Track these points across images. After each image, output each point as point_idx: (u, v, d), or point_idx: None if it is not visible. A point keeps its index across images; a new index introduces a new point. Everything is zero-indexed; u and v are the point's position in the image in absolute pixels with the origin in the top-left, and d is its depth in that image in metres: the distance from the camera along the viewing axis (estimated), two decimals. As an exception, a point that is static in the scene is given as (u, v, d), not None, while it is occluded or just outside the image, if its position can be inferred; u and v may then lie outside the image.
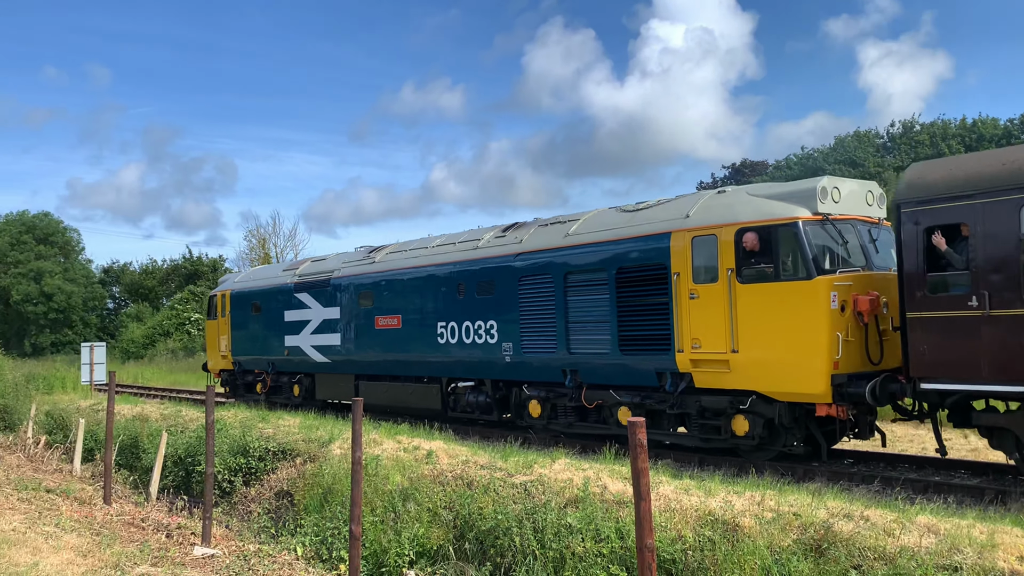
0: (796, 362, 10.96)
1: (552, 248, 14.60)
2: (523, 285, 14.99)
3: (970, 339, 9.40)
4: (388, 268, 18.64)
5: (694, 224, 12.27)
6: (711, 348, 11.92)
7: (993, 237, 9.26)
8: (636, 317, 13.04)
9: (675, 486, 8.82)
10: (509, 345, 15.22)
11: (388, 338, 18.24)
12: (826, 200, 11.39)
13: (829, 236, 11.27)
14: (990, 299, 9.21)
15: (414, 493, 10.25)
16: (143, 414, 19.58)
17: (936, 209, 9.78)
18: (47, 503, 11.75)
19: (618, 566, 7.72)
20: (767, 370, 11.32)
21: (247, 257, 55.22)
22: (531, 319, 14.84)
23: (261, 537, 11.17)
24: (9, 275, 60.10)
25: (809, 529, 7.28)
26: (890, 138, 53.12)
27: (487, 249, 16.13)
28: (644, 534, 5.06)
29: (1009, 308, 9.05)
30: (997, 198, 9.19)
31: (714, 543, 7.49)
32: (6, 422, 23.51)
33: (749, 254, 11.53)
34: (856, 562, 6.77)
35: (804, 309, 10.88)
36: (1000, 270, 9.15)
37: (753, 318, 11.41)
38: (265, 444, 13.98)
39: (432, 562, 9.34)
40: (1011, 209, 9.06)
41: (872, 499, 8.67)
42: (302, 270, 21.95)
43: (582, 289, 13.93)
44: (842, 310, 10.83)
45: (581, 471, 9.71)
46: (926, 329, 9.81)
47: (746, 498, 8.17)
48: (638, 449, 5.04)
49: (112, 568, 8.07)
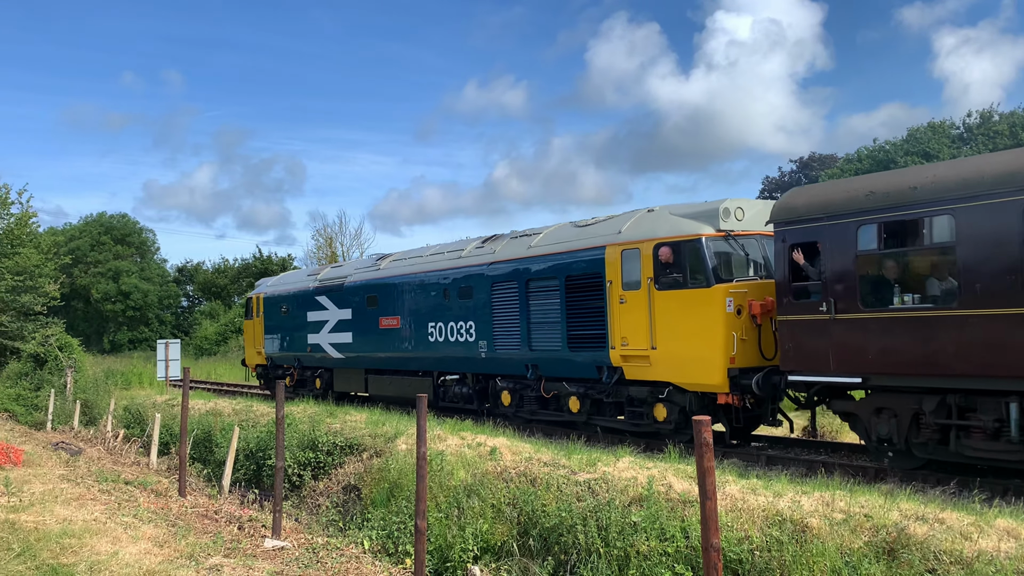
0: (700, 357, 12.70)
1: (517, 258, 16.67)
2: (495, 291, 17.04)
3: (821, 338, 11.15)
4: (390, 274, 20.89)
5: (624, 239, 14.14)
6: (636, 345, 13.77)
7: (838, 253, 10.99)
8: (580, 319, 14.95)
9: (741, 485, 8.70)
10: (484, 343, 17.27)
11: (390, 337, 20.42)
12: (728, 219, 13.13)
13: (730, 249, 13.04)
14: (835, 305, 10.94)
15: (478, 489, 10.32)
16: (216, 409, 20.11)
17: (797, 229, 11.55)
18: (126, 494, 12.16)
19: (683, 565, 7.65)
20: (679, 364, 13.09)
21: (315, 256, 56.26)
22: (501, 320, 16.87)
23: (329, 530, 11.37)
24: (89, 274, 62.29)
25: (881, 531, 7.11)
26: (966, 129, 51.33)
27: (467, 259, 18.21)
28: (710, 533, 5.01)
29: (848, 313, 10.83)
30: (840, 220, 10.94)
31: (782, 544, 7.36)
32: (88, 416, 24.43)
33: (664, 265, 13.28)
34: (931, 566, 6.58)
35: (705, 312, 12.64)
36: (842, 281, 10.91)
37: (667, 320, 13.23)
38: (333, 439, 14.23)
39: (496, 558, 9.38)
40: (850, 229, 10.83)
41: (947, 501, 8.41)
42: (322, 275, 24.32)
43: (540, 294, 15.93)
44: (738, 313, 12.49)
45: (645, 470, 9.65)
46: (791, 330, 11.57)
47: (815, 498, 8.01)
48: (704, 448, 4.99)
49: (187, 558, 8.31)
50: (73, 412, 24.03)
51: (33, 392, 27.04)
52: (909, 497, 8.24)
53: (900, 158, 46.63)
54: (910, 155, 46.96)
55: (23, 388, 27.72)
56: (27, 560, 8.16)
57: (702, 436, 5.00)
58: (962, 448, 10.11)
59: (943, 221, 10.02)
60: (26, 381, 28.13)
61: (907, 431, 10.64)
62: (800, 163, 56.69)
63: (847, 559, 6.96)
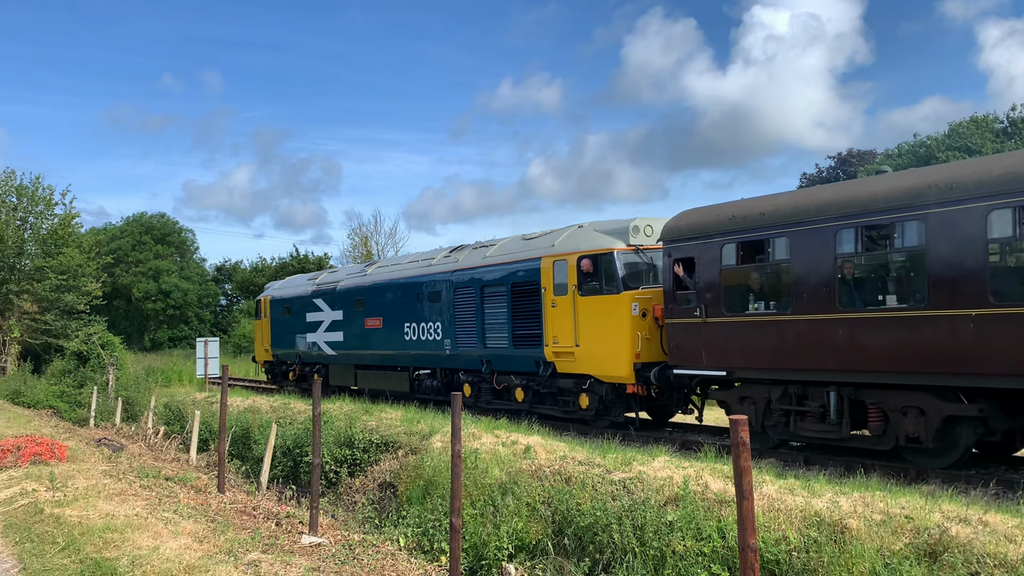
0: (612, 354, 14.76)
1: (474, 267, 18.81)
2: (457, 296, 19.21)
3: (696, 338, 13.34)
4: (373, 280, 23.16)
5: (555, 251, 16.28)
6: (564, 343, 15.86)
7: (708, 267, 13.13)
8: (523, 320, 17.04)
9: (779, 486, 8.61)
10: (449, 341, 19.47)
11: (374, 336, 22.73)
12: (637, 235, 15.24)
13: (639, 260, 15.10)
14: (706, 310, 13.12)
15: (513, 487, 10.32)
16: (254, 406, 20.35)
17: (679, 246, 13.72)
18: (166, 490, 12.35)
19: (719, 565, 7.59)
20: (597, 360, 15.15)
21: (350, 255, 56.67)
22: (462, 322, 18.98)
23: (365, 527, 11.45)
24: (130, 274, 63.34)
25: (922, 533, 6.99)
26: (1010, 123, 50.22)
27: (436, 267, 20.45)
28: (746, 534, 4.96)
29: (716, 317, 13.01)
30: (709, 240, 13.12)
31: (820, 545, 7.27)
32: (129, 413, 24.85)
33: (585, 274, 15.35)
34: (974, 569, 6.46)
35: (616, 315, 14.71)
36: (711, 290, 13.07)
37: (588, 322, 15.28)
38: (369, 436, 14.33)
39: (531, 556, 9.38)
40: (716, 247, 12.98)
41: (991, 503, 8.24)
42: (319, 280, 26.61)
43: (492, 299, 18.04)
44: (643, 316, 14.49)
45: (681, 469, 9.59)
46: (675, 331, 13.81)
47: (854, 499, 7.89)
48: (740, 447, 4.94)
49: (226, 554, 8.42)
50: (115, 409, 24.46)
51: (76, 389, 27.59)
52: (951, 498, 8.09)
53: (941, 153, 45.74)
54: (952, 150, 46.03)
55: (67, 385, 28.29)
56: (71, 553, 8.33)
57: (739, 435, 4.95)
58: (798, 430, 12.21)
59: (782, 241, 12.03)
60: (70, 378, 28.70)
61: (762, 416, 12.63)
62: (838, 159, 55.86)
63: (887, 561, 6.85)
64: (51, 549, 8.62)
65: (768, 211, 12.31)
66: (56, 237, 42.43)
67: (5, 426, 20.77)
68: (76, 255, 42.27)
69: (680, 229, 13.80)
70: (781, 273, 12.18)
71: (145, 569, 7.57)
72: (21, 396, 29.93)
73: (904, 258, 10.94)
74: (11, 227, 41.08)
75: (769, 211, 12.30)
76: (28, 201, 42.27)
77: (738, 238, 12.68)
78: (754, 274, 12.69)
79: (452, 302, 19.26)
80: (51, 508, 10.36)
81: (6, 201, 41.63)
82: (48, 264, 41.27)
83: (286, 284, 30.11)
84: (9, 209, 41.71)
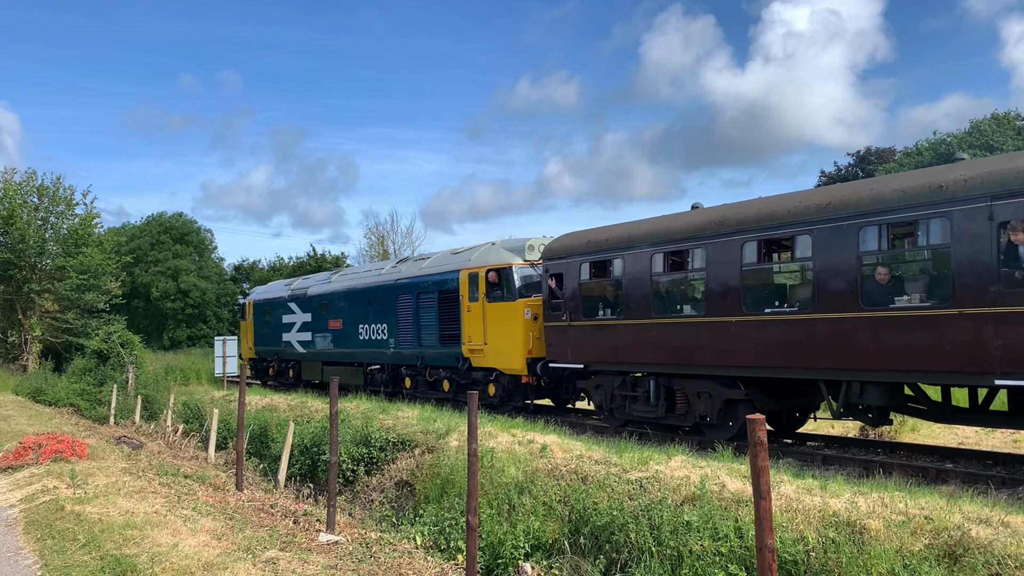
0: (510, 351, 17.76)
1: (412, 277, 21.84)
2: (399, 301, 22.11)
3: (565, 338, 16.43)
4: (336, 287, 26.13)
5: (471, 265, 19.18)
6: (477, 342, 18.72)
7: (571, 281, 16.22)
8: (447, 322, 19.91)
9: (797, 485, 8.56)
10: (393, 341, 22.36)
11: (335, 335, 25.69)
12: (532, 252, 18.29)
13: (532, 273, 18.00)
14: (570, 316, 16.19)
15: (529, 486, 10.32)
16: (271, 405, 20.46)
17: (552, 263, 16.84)
18: (185, 488, 12.44)
19: (737, 565, 7.56)
20: (500, 355, 18.10)
21: (367, 254, 56.80)
22: (403, 324, 21.89)
23: (382, 525, 11.48)
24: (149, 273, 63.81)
25: (942, 534, 6.93)
26: (1032, 120, 49.60)
27: (384, 276, 23.47)
28: (764, 534, 4.93)
29: (576, 322, 16.11)
30: (572, 259, 16.27)
31: (838, 545, 7.22)
32: (148, 411, 25.06)
33: (492, 284, 18.30)
34: (994, 571, 6.40)
35: (513, 319, 17.72)
36: (573, 300, 16.18)
37: (493, 324, 18.21)
38: (385, 435, 14.37)
39: (547, 555, 9.38)
40: (575, 265, 16.14)
41: (1012, 503, 8.15)
42: (294, 286, 29.84)
43: (425, 305, 20.96)
44: (534, 319, 17.44)
45: (698, 468, 9.55)
46: (550, 332, 16.89)
47: (872, 499, 7.84)
48: (758, 447, 4.92)
49: (244, 551, 8.47)
50: (134, 407, 24.67)
51: (96, 387, 27.85)
52: (972, 499, 8.01)
53: (962, 151, 45.28)
54: (973, 148, 45.58)
55: (87, 383, 28.55)
56: (92, 550, 8.40)
57: (756, 435, 4.93)
58: (631, 411, 15.28)
59: (618, 262, 15.22)
60: (90, 376, 28.96)
61: (609, 400, 15.74)
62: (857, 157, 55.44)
63: (906, 562, 6.80)
64: (72, 546, 8.70)
65: (610, 238, 15.57)
66: (77, 237, 42.82)
67: (27, 424, 20.99)
68: (96, 254, 42.65)
69: (554, 250, 17.01)
70: (617, 287, 15.31)
71: (164, 566, 7.63)
72: (42, 394, 30.24)
73: (695, 277, 14.08)
74: (32, 227, 41.50)
75: (611, 238, 15.55)
76: (49, 201, 42.71)
77: (590, 258, 15.88)
78: (601, 287, 15.86)
79: (395, 307, 22.25)
80: (72, 505, 10.46)
81: (28, 201, 42.07)
82: (69, 263, 41.66)
83: (267, 289, 33.42)
84: (31, 209, 42.15)
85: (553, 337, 16.68)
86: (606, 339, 15.39)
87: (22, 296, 42.15)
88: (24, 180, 42.14)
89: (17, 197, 41.45)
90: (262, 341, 31.26)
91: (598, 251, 15.68)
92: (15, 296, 42.28)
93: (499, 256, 18.53)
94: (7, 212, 40.66)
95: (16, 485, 12.56)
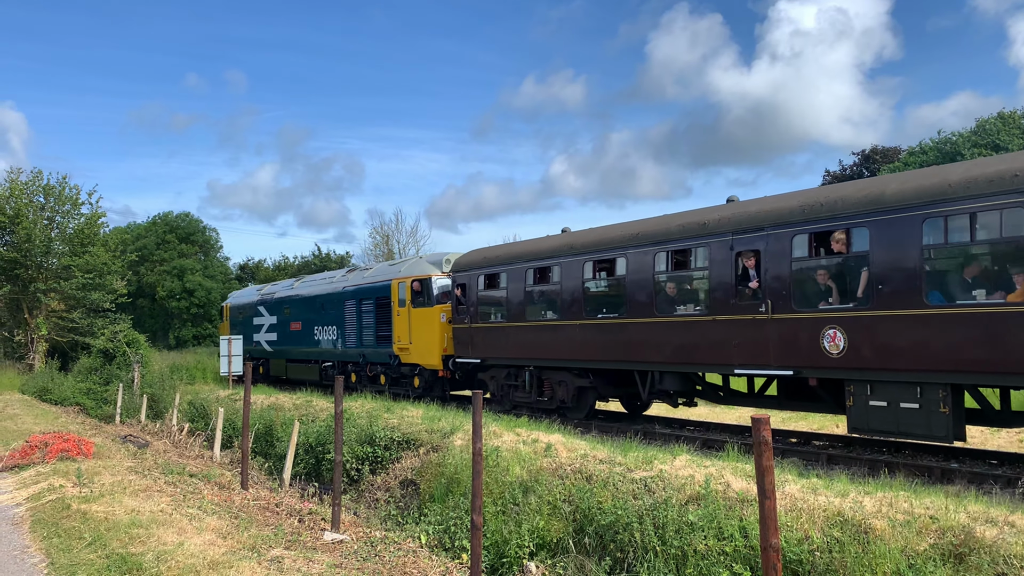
0: (430, 349, 21.02)
1: (356, 285, 25.26)
2: (345, 307, 25.43)
3: (467, 338, 19.71)
4: (297, 293, 29.99)
5: (401, 276, 22.66)
6: (404, 342, 22.04)
7: (472, 291, 19.56)
8: (383, 325, 23.20)
9: (801, 485, 8.55)
10: (340, 341, 25.77)
11: (296, 336, 29.36)
12: (448, 265, 21.45)
13: (448, 283, 21.07)
14: (471, 319, 19.50)
15: (534, 486, 10.32)
16: (277, 404, 20.50)
17: (459, 276, 20.24)
18: (190, 487, 12.47)
19: (742, 565, 7.56)
20: (422, 353, 21.36)
21: (371, 253, 56.84)
22: (348, 327, 25.17)
23: (387, 524, 11.50)
24: (155, 272, 63.92)
25: (947, 533, 6.92)
26: (1039, 119, 49.36)
27: (334, 284, 26.97)
28: (768, 533, 4.93)
29: (475, 324, 19.44)
30: (472, 272, 19.64)
31: (843, 545, 7.22)
32: (154, 410, 25.11)
33: (416, 292, 21.64)
34: (1000, 571, 6.39)
35: (431, 322, 20.99)
36: (474, 306, 19.46)
37: (417, 326, 21.53)
38: (390, 434, 14.38)
39: (552, 555, 9.38)
40: (476, 278, 19.44)
41: (1017, 503, 8.13)
42: (263, 291, 33.91)
43: (366, 310, 24.25)
44: (449, 322, 20.51)
45: (703, 468, 9.55)
46: (457, 333, 20.18)
47: (877, 499, 7.82)
48: (763, 446, 4.92)
49: (249, 550, 8.49)
50: (140, 406, 24.72)
51: (102, 386, 27.91)
52: (977, 499, 7.99)
53: (967, 150, 45.11)
54: (978, 147, 45.40)
55: (93, 382, 28.62)
56: (98, 549, 8.43)
57: (761, 434, 4.93)
58: (513, 397, 18.57)
59: (504, 276, 18.60)
60: (96, 376, 29.04)
61: (500, 389, 19.07)
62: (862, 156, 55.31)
63: (911, 562, 6.79)
64: (78, 544, 8.74)
65: (500, 255, 19.09)
66: (83, 236, 42.92)
67: (33, 423, 21.05)
68: (102, 253, 42.74)
69: (460, 264, 20.45)
70: (504, 296, 18.63)
71: (170, 564, 7.65)
72: (48, 393, 30.33)
73: (554, 289, 17.11)
74: (38, 226, 41.59)
75: (500, 255, 19.07)
76: (55, 201, 42.80)
77: (485, 272, 19.24)
78: (493, 296, 18.98)
79: (343, 312, 25.57)
80: (78, 504, 10.50)
81: (33, 201, 42.16)
82: (75, 263, 41.76)
83: (242, 294, 37.50)
84: (36, 209, 42.24)
85: (460, 337, 20.01)
86: (497, 339, 18.80)
87: (28, 295, 42.26)
88: (30, 180, 42.25)
89: (23, 197, 41.55)
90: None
91: (491, 266, 19.13)
92: (21, 295, 42.38)
93: (422, 268, 22.12)
94: (13, 212, 40.75)
95: (22, 484, 12.61)
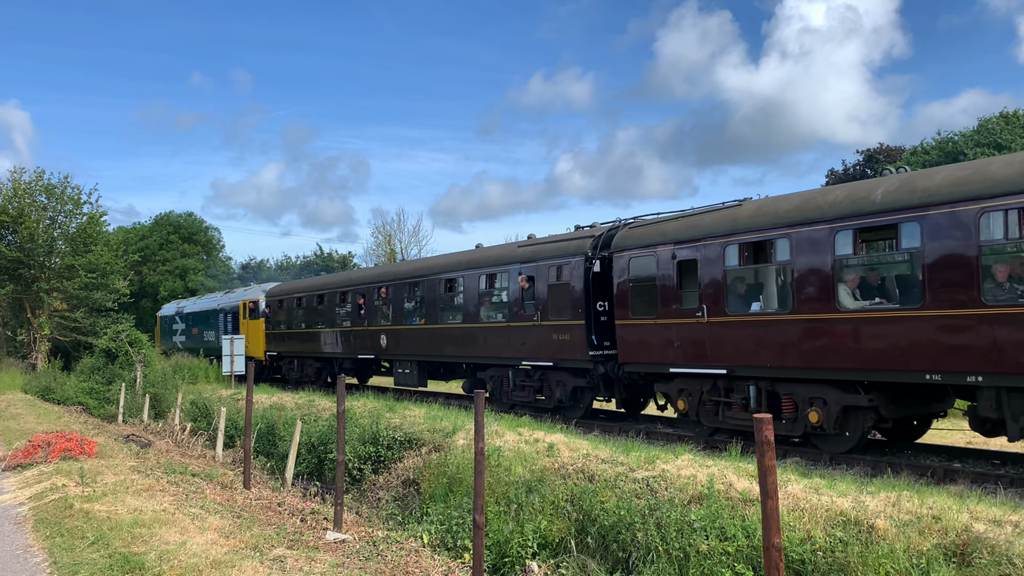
0: (257, 347, 32.12)
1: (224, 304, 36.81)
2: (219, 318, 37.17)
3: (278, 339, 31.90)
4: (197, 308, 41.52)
5: (245, 297, 34.68)
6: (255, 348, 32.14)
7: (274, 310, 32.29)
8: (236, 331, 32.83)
9: (804, 485, 8.54)
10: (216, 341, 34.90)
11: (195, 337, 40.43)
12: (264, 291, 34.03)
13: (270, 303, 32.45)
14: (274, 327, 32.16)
15: (536, 485, 10.32)
16: (279, 403, 20.50)
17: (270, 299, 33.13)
18: (193, 486, 12.47)
19: (744, 565, 7.55)
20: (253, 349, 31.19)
21: (374, 253, 56.83)
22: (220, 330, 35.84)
23: (389, 524, 11.50)
24: (157, 272, 63.99)
25: (951, 533, 6.90)
26: (1043, 118, 49.21)
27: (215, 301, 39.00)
28: (771, 533, 4.93)
29: (278, 330, 31.87)
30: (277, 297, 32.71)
31: (846, 544, 7.21)
32: (156, 410, 25.13)
33: (251, 310, 33.03)
34: (1004, 571, 6.37)
35: (258, 329, 32.65)
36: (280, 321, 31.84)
37: (251, 333, 32.32)
38: (392, 434, 14.37)
39: (554, 554, 9.38)
40: (275, 301, 32.38)
41: (1020, 503, 8.12)
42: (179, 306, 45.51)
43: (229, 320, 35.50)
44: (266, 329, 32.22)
45: (705, 468, 9.54)
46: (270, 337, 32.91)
47: (880, 499, 7.81)
48: (765, 446, 4.91)
49: (251, 549, 8.49)
50: (143, 405, 24.74)
51: (105, 386, 27.91)
52: (980, 499, 7.98)
53: (970, 150, 45.02)
54: (981, 147, 45.32)
55: (96, 382, 28.62)
56: (101, 548, 8.44)
57: (763, 434, 4.92)
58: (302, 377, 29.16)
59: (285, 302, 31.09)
60: (98, 375, 29.04)
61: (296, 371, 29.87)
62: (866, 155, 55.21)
63: (914, 561, 6.78)
64: (81, 543, 8.74)
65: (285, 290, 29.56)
66: (85, 236, 42.99)
67: (36, 422, 21.07)
68: (105, 253, 42.82)
69: (271, 293, 32.28)
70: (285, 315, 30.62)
71: (172, 564, 7.66)
72: (51, 392, 30.37)
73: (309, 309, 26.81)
74: (41, 226, 41.67)
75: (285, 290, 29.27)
76: (57, 200, 42.87)
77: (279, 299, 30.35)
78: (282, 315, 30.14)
79: (218, 321, 37.16)
80: (80, 503, 10.50)
81: (36, 200, 42.24)
82: (77, 262, 41.83)
83: (168, 308, 48.75)
84: (39, 208, 42.32)
85: (269, 339, 31.72)
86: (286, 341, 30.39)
87: (31, 295, 42.35)
88: (32, 180, 42.33)
89: (26, 196, 41.63)
90: (164, 342, 46.56)
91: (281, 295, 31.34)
92: (24, 295, 42.48)
93: (254, 294, 34.13)
94: (16, 211, 40.84)
95: (25, 483, 12.62)
